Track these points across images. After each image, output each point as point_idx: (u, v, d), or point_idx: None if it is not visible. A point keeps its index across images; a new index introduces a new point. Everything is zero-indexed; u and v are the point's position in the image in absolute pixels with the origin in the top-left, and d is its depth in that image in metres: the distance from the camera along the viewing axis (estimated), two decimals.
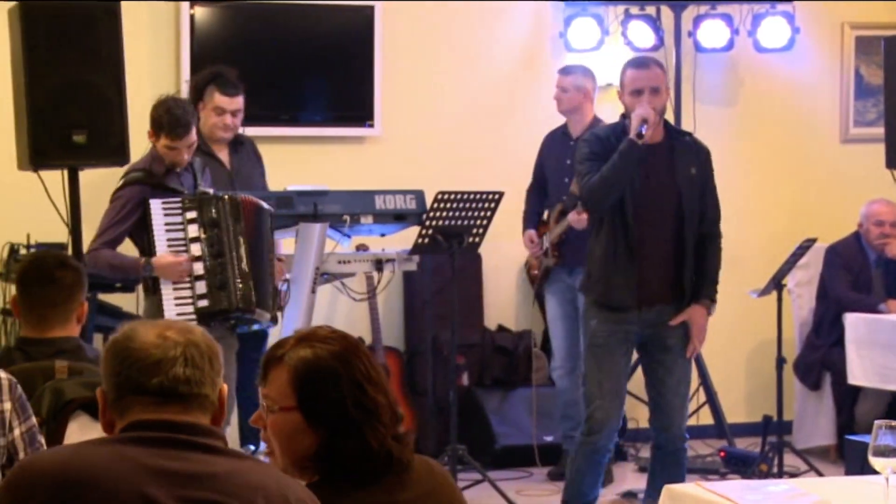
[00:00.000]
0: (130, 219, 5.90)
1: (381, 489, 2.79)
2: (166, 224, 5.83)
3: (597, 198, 5.92)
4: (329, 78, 8.11)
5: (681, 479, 5.91)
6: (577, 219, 7.04)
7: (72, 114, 5.67)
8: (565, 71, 7.57)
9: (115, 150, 5.77)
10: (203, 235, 5.81)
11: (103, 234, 5.93)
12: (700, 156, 6.03)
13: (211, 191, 5.91)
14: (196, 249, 5.82)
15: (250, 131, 7.16)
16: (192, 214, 5.82)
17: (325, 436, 2.77)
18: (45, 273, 4.28)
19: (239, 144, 6.95)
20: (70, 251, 5.80)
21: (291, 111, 7.91)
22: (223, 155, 6.87)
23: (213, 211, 5.83)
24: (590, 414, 5.94)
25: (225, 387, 2.68)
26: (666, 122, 6.06)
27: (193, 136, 5.97)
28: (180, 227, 5.83)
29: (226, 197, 5.89)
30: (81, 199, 5.79)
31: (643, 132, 5.76)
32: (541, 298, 7.71)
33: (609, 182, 5.83)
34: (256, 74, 7.66)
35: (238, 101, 6.82)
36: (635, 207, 5.87)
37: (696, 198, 5.95)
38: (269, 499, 2.53)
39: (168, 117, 5.92)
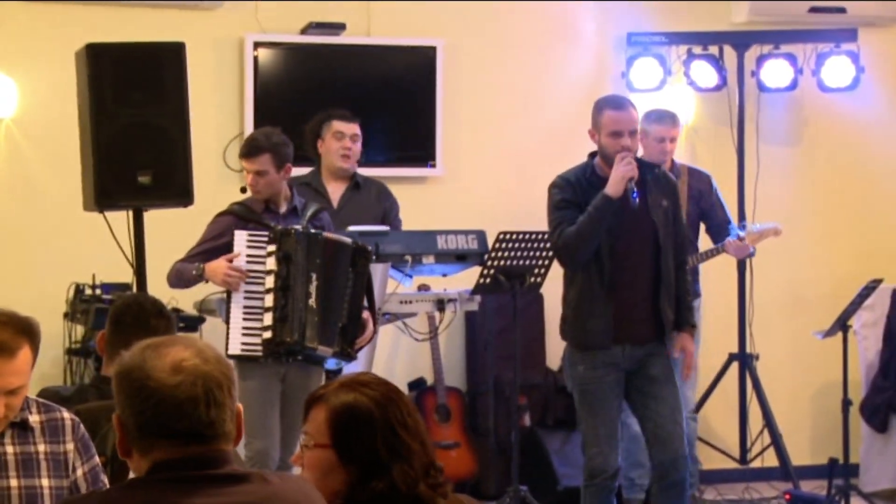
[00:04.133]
0: (216, 242, 5.99)
1: None
2: (248, 256, 5.90)
3: (572, 251, 5.92)
4: (391, 118, 8.13)
5: None
6: (739, 246, 7.09)
7: (137, 155, 5.74)
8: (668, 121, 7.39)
9: (179, 191, 5.83)
10: (276, 268, 5.85)
11: (188, 253, 6.05)
12: (668, 187, 6.05)
13: (298, 227, 5.93)
14: (270, 282, 5.86)
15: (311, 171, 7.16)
16: (272, 248, 5.88)
17: (356, 475, 2.86)
18: (142, 319, 4.31)
19: (357, 185, 6.97)
20: (134, 291, 5.84)
21: None
22: (335, 190, 6.92)
23: (289, 245, 5.87)
24: (589, 459, 5.98)
25: (240, 406, 2.69)
26: (636, 157, 5.99)
27: (262, 163, 5.99)
28: (262, 259, 5.88)
29: (303, 232, 5.91)
30: (146, 240, 5.83)
31: (636, 199, 5.75)
32: None
33: (585, 237, 5.84)
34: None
35: (355, 127, 6.96)
36: (611, 246, 5.87)
37: (671, 230, 5.96)
38: None
39: (245, 140, 6.19)
